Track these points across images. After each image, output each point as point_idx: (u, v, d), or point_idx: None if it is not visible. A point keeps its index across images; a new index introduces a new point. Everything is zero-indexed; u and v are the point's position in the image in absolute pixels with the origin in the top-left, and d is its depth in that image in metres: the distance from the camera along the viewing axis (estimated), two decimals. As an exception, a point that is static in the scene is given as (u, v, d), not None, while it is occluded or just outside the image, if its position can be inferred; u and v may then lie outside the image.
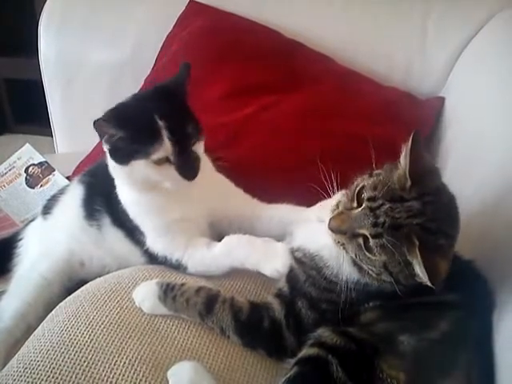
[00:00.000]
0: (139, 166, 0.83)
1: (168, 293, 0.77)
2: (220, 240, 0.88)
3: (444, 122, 1.26)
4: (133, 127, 0.82)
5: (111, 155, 0.86)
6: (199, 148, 0.87)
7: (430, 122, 1.28)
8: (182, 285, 0.79)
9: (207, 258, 0.87)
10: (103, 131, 0.82)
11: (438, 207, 0.66)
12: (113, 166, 0.88)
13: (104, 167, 1.03)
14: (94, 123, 0.80)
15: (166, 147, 0.81)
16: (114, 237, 0.95)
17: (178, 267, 0.89)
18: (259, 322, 0.74)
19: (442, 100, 1.32)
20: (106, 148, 0.86)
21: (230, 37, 1.42)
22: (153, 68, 1.49)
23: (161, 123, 0.81)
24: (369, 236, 0.65)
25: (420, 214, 0.64)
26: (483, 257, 0.76)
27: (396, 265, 0.65)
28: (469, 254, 0.75)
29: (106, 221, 0.96)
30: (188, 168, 0.84)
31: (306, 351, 0.68)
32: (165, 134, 0.81)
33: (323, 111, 1.26)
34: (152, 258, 0.92)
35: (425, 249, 0.62)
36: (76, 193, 1.01)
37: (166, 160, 0.83)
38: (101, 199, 0.97)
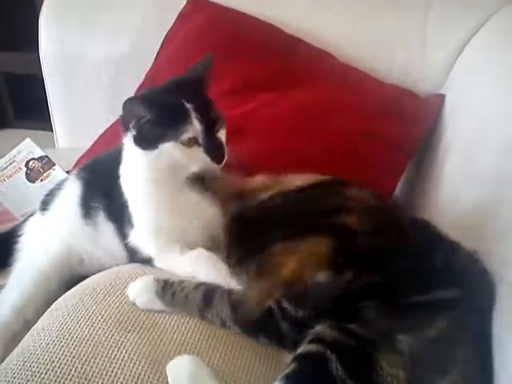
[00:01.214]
0: (167, 149, 0.83)
1: (167, 289, 0.78)
2: None
3: (444, 119, 1.26)
4: (161, 110, 0.83)
5: (137, 141, 0.86)
6: (223, 135, 0.88)
7: (429, 120, 1.28)
8: (181, 282, 0.79)
9: (175, 263, 0.87)
10: (132, 112, 0.83)
11: None
12: (135, 154, 0.87)
13: (101, 161, 1.03)
14: (125, 103, 0.81)
15: (194, 127, 0.83)
16: (107, 232, 0.95)
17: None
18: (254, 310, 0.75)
19: (442, 97, 1.32)
20: (131, 134, 0.86)
21: (231, 33, 1.42)
22: (153, 63, 1.49)
23: (188, 106, 0.83)
24: None
25: None
26: (483, 252, 0.76)
27: None
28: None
29: (101, 216, 0.96)
30: (216, 150, 0.85)
31: (304, 347, 0.68)
32: (193, 115, 0.83)
33: (323, 108, 1.26)
34: (131, 254, 0.92)
35: None
36: (74, 190, 1.01)
37: (195, 142, 0.84)
38: (97, 195, 0.97)
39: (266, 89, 1.29)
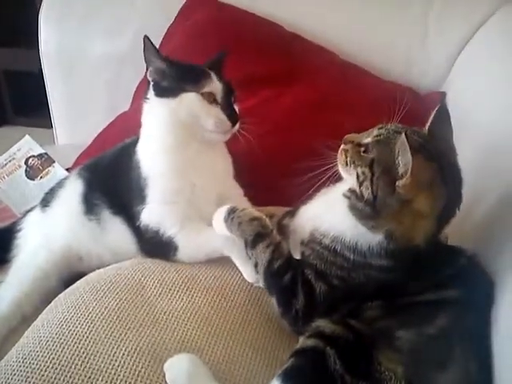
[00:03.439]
0: (188, 98, 0.88)
1: (230, 214, 0.81)
2: None
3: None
4: (183, 67, 0.91)
5: (157, 90, 0.91)
6: (237, 110, 0.94)
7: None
8: (243, 209, 0.82)
9: (201, 237, 0.87)
10: (149, 58, 0.89)
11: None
12: (156, 108, 0.91)
13: (104, 160, 1.03)
14: (144, 40, 0.88)
15: (215, 85, 0.90)
16: (113, 227, 0.95)
17: (168, 247, 0.88)
18: (284, 273, 0.77)
19: (443, 95, 1.31)
20: (151, 85, 0.92)
21: (231, 29, 1.42)
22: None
23: (209, 71, 0.91)
24: (371, 140, 0.75)
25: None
26: (485, 250, 0.76)
27: (381, 163, 0.71)
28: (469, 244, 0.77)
29: (107, 212, 0.96)
30: (232, 112, 0.91)
31: (303, 342, 0.68)
32: (214, 76, 0.91)
33: (323, 105, 1.26)
34: (141, 238, 0.91)
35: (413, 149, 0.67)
36: (75, 188, 1.01)
37: (214, 100, 0.90)
38: (101, 192, 0.97)
39: (266, 85, 1.29)
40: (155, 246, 0.90)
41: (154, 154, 0.93)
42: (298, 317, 0.75)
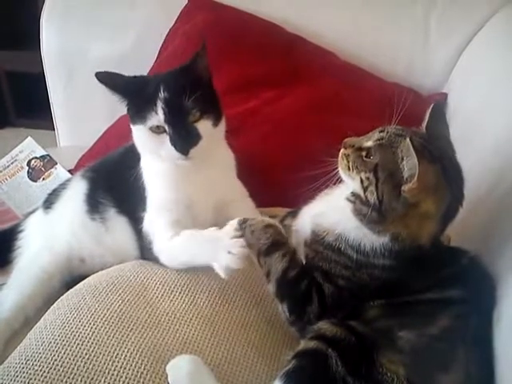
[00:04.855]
0: (139, 131, 0.87)
1: (242, 226, 0.78)
2: None
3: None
4: (134, 99, 0.87)
5: (128, 115, 0.90)
6: (204, 126, 0.86)
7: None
8: (254, 219, 0.80)
9: (168, 247, 0.86)
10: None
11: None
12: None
13: (110, 160, 1.04)
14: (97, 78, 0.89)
15: (158, 117, 0.83)
16: (117, 227, 0.96)
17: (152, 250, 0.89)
18: (300, 281, 0.75)
19: (444, 96, 1.31)
20: None
21: (233, 31, 1.42)
22: (155, 62, 1.49)
23: (162, 94, 0.84)
24: (372, 143, 0.74)
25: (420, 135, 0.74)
26: (487, 251, 0.77)
27: (386, 168, 0.70)
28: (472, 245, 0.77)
29: (112, 211, 0.96)
30: (182, 140, 0.84)
31: (305, 344, 0.68)
32: (160, 104, 0.83)
33: (325, 106, 1.26)
34: (143, 242, 0.91)
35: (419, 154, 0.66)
36: (78, 188, 1.01)
37: (164, 130, 0.84)
38: (106, 191, 0.97)
39: (268, 86, 1.30)
40: (151, 251, 0.90)
41: (149, 167, 0.93)
42: (311, 322, 0.73)
